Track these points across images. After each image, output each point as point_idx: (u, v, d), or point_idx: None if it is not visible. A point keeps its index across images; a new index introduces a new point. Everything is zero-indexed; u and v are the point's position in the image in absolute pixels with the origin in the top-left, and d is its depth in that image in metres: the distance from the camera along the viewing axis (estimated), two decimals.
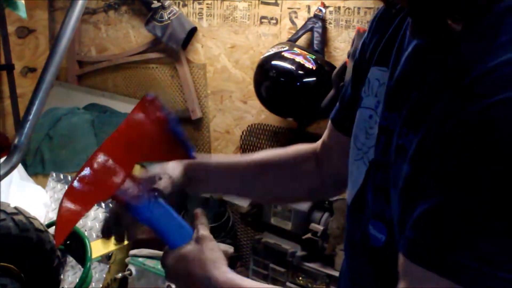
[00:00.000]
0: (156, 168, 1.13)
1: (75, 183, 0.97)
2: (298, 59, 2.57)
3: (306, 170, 1.25)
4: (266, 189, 1.27)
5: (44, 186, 3.02)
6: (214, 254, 1.00)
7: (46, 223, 2.12)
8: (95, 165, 0.99)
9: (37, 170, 3.13)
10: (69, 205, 0.96)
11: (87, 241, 1.97)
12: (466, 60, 0.78)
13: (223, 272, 0.98)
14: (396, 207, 0.87)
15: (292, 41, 2.72)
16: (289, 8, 2.84)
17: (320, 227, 2.41)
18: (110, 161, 1.00)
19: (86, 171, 0.98)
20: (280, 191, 1.28)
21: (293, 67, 2.57)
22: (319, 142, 1.26)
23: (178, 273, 1.01)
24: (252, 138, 3.02)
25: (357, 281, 1.04)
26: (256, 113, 3.01)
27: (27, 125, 2.36)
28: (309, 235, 2.43)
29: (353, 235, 1.04)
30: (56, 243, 0.97)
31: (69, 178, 2.96)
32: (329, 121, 1.23)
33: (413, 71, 0.89)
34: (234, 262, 2.75)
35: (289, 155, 1.27)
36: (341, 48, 2.69)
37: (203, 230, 1.04)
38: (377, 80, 1.00)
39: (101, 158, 0.99)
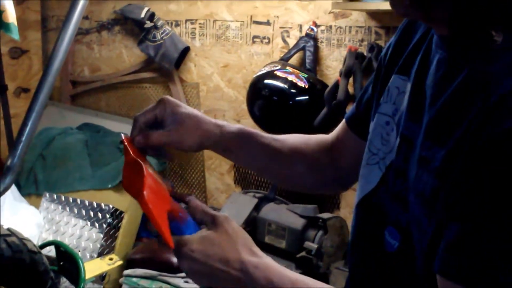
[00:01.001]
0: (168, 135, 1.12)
1: (147, 192, 0.97)
2: (291, 77, 2.59)
3: (324, 163, 1.26)
4: (289, 175, 1.28)
5: (37, 206, 3.01)
6: (242, 235, 0.97)
7: (39, 244, 2.11)
8: (152, 183, 1.00)
9: (31, 191, 3.12)
10: (156, 210, 0.96)
11: (80, 262, 1.96)
12: (493, 75, 0.78)
13: (258, 256, 0.95)
14: (417, 215, 0.88)
15: (285, 60, 2.74)
16: (281, 28, 2.86)
17: (314, 245, 2.41)
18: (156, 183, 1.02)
19: (149, 183, 0.99)
20: (299, 179, 1.29)
21: (285, 86, 2.58)
22: (332, 137, 1.27)
23: (209, 258, 0.93)
24: None
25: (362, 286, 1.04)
26: None
27: (20, 146, 2.37)
28: (303, 253, 2.42)
29: (361, 239, 1.05)
30: (171, 244, 0.94)
31: (63, 198, 2.95)
32: (343, 121, 1.24)
33: (436, 83, 0.89)
34: None
35: (314, 145, 1.28)
36: (333, 66, 2.71)
37: (211, 211, 1.00)
38: (397, 88, 1.01)
39: (151, 178, 1.00)
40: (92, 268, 2.19)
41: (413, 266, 0.89)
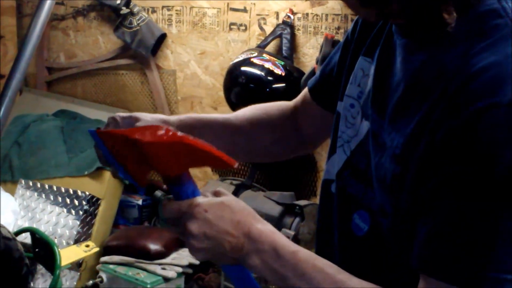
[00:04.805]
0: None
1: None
2: (267, 65, 2.59)
3: (287, 129, 1.26)
4: (254, 150, 1.27)
5: (13, 193, 2.99)
6: (245, 204, 0.94)
7: (14, 230, 2.10)
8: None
9: (6, 178, 3.09)
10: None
11: (56, 249, 1.95)
12: (448, 64, 0.80)
13: (263, 223, 0.93)
14: (380, 199, 0.89)
15: (261, 47, 2.74)
16: (258, 15, 2.86)
17: (291, 232, 2.42)
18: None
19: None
20: (265, 151, 1.28)
21: (262, 73, 2.58)
22: (295, 103, 1.27)
23: (221, 220, 0.90)
24: None
25: None
26: None
27: None
28: None
29: (327, 223, 1.05)
30: (233, 162, 0.90)
31: (38, 185, 2.94)
32: (306, 90, 1.24)
33: (399, 68, 0.90)
34: (206, 268, 2.75)
35: (275, 113, 1.27)
36: (309, 54, 2.72)
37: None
38: (362, 70, 1.02)
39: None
40: (68, 255, 2.18)
41: (381, 249, 0.91)
